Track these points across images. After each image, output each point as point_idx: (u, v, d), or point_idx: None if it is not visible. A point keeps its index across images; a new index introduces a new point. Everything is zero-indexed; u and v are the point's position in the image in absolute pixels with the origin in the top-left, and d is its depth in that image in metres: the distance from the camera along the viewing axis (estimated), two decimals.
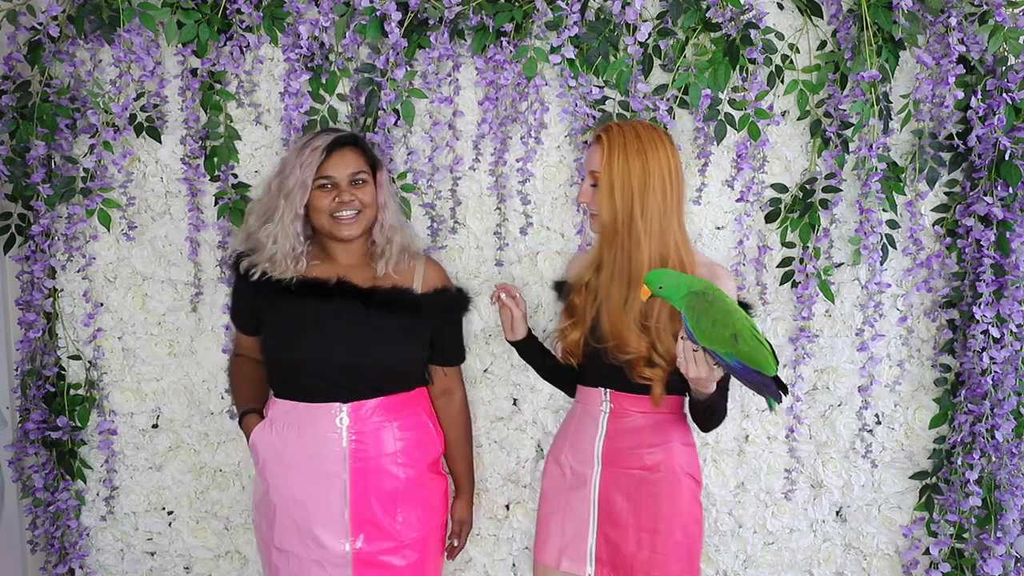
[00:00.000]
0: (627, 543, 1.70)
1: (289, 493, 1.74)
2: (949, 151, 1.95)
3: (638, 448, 1.71)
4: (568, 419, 1.85)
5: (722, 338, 1.44)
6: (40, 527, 2.16)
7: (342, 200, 1.72)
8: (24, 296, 2.09)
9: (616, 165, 1.60)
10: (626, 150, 1.60)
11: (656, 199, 1.60)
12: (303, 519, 1.73)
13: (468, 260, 2.09)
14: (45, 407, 2.12)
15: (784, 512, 2.13)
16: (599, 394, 1.75)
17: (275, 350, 1.78)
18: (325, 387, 1.73)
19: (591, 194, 1.68)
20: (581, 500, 1.74)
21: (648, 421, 1.72)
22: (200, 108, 2.04)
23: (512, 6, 1.91)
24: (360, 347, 1.73)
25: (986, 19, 1.82)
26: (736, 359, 1.45)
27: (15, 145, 1.99)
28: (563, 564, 1.75)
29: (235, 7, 1.95)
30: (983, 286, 1.89)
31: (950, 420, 2.01)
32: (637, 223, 1.60)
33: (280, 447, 1.74)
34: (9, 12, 1.95)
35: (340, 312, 1.73)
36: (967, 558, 2.01)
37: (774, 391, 1.48)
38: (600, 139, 1.65)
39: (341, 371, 1.72)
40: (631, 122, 1.70)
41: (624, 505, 1.71)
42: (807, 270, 1.97)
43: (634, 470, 1.71)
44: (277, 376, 1.81)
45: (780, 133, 1.99)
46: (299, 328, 1.73)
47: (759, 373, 1.46)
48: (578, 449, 1.76)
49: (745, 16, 1.86)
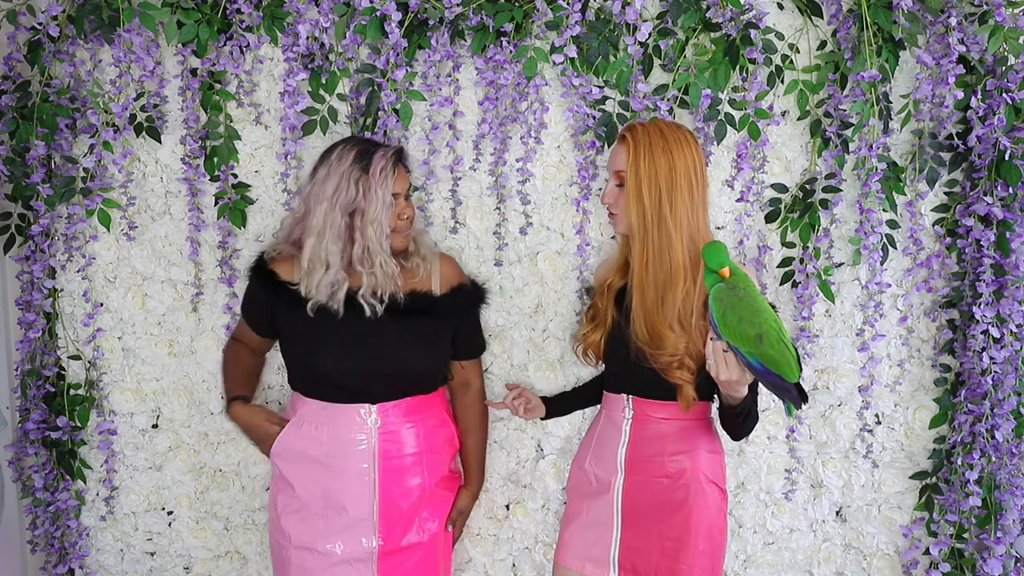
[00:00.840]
0: (651, 551, 1.67)
1: (319, 491, 1.75)
2: (949, 151, 1.95)
3: (661, 455, 1.68)
4: (593, 426, 1.84)
5: (746, 336, 1.38)
6: (40, 527, 2.16)
7: (408, 215, 1.75)
8: (24, 296, 2.09)
9: (643, 164, 1.57)
10: (652, 149, 1.57)
11: (684, 197, 1.57)
12: (334, 516, 1.74)
13: (468, 260, 2.09)
14: (45, 407, 2.12)
15: (784, 512, 2.13)
16: (622, 401, 1.74)
17: (297, 359, 1.78)
18: (350, 393, 1.75)
19: (616, 195, 1.65)
20: (604, 506, 1.73)
21: (672, 428, 1.69)
22: (200, 108, 2.04)
23: (512, 6, 1.91)
24: (383, 355, 1.73)
25: (986, 19, 1.82)
26: (758, 360, 1.39)
27: (15, 145, 1.99)
28: (586, 568, 1.74)
29: (235, 7, 1.95)
30: (983, 286, 1.89)
31: (950, 420, 2.01)
32: (667, 222, 1.57)
33: (311, 445, 1.75)
34: (9, 12, 1.95)
35: (360, 321, 1.71)
36: (967, 558, 2.01)
37: (794, 397, 1.42)
38: (625, 139, 1.62)
39: (365, 379, 1.74)
40: (655, 121, 1.66)
41: (648, 512, 1.69)
42: (807, 270, 1.97)
43: (658, 478, 1.68)
44: (301, 381, 1.81)
45: (780, 133, 1.99)
46: (322, 337, 1.72)
47: (780, 377, 1.40)
48: (601, 457, 1.75)
49: (745, 16, 1.86)
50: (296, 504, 1.77)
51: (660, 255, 1.58)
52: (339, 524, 1.74)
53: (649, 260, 1.59)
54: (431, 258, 1.84)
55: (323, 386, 1.76)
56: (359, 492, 1.74)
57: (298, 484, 1.76)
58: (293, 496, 1.78)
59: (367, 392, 1.75)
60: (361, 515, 1.74)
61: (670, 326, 1.59)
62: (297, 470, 1.77)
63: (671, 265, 1.57)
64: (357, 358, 1.72)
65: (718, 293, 1.41)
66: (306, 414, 1.78)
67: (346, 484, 1.74)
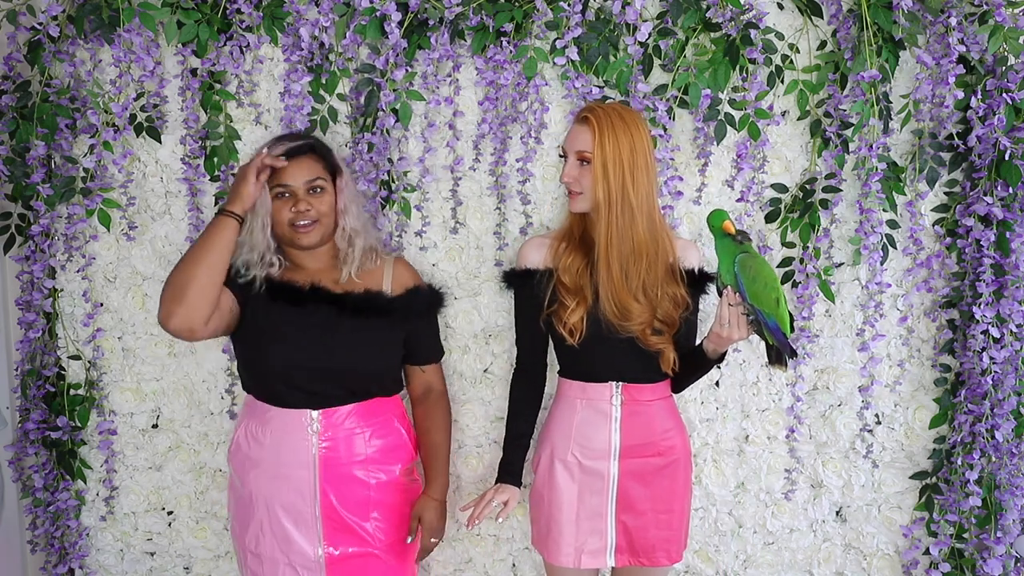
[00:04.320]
0: (646, 527, 1.76)
1: (263, 496, 1.73)
2: (949, 151, 1.95)
3: (653, 435, 1.75)
4: (561, 417, 1.81)
5: (769, 300, 1.53)
6: (40, 527, 2.16)
7: (299, 210, 1.70)
8: (24, 296, 2.09)
9: (608, 144, 1.63)
10: (615, 129, 1.63)
11: (642, 175, 1.65)
12: (277, 523, 1.72)
13: (468, 260, 2.09)
14: (45, 407, 2.12)
15: (784, 512, 2.13)
16: (608, 389, 1.75)
17: (245, 353, 1.76)
18: (296, 393, 1.71)
19: (577, 173, 1.69)
20: (595, 495, 1.75)
21: (660, 407, 1.77)
22: (200, 108, 2.04)
23: (512, 6, 1.91)
24: (331, 353, 1.71)
25: (986, 19, 1.82)
26: (774, 320, 1.55)
27: (15, 145, 1.99)
28: (583, 562, 1.76)
29: (235, 7, 1.95)
30: (983, 286, 1.89)
31: (950, 420, 2.01)
32: (630, 198, 1.64)
33: (255, 449, 1.74)
34: (9, 12, 1.95)
35: (311, 318, 1.71)
36: (967, 558, 2.01)
37: (791, 350, 1.58)
38: (588, 119, 1.66)
39: (311, 377, 1.71)
40: (610, 103, 1.71)
41: (641, 492, 1.75)
42: (807, 270, 1.97)
43: (651, 457, 1.75)
44: (249, 379, 1.79)
45: (780, 133, 1.99)
46: (269, 333, 1.71)
47: (784, 335, 1.55)
48: (588, 446, 1.75)
49: (745, 16, 1.86)
50: (244, 506, 1.76)
51: (623, 231, 1.65)
52: (284, 531, 1.72)
53: (614, 236, 1.65)
54: (384, 259, 1.82)
55: (270, 385, 1.73)
56: (301, 499, 1.72)
57: (246, 487, 1.75)
58: (241, 498, 1.76)
59: (311, 392, 1.71)
60: (305, 522, 1.72)
61: (635, 298, 1.67)
62: (243, 473, 1.75)
63: (633, 240, 1.66)
64: (303, 353, 1.70)
65: (744, 261, 1.55)
66: (253, 416, 1.76)
67: (288, 490, 1.72)
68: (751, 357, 2.08)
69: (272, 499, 1.72)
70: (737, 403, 2.10)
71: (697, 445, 2.11)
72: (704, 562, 2.16)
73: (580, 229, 1.76)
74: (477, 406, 2.12)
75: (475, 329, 2.10)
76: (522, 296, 1.81)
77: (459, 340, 2.11)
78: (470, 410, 2.13)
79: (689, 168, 2.01)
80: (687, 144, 2.01)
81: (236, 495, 1.79)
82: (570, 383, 1.80)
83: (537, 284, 1.76)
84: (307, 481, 1.72)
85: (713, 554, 2.16)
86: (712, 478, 2.12)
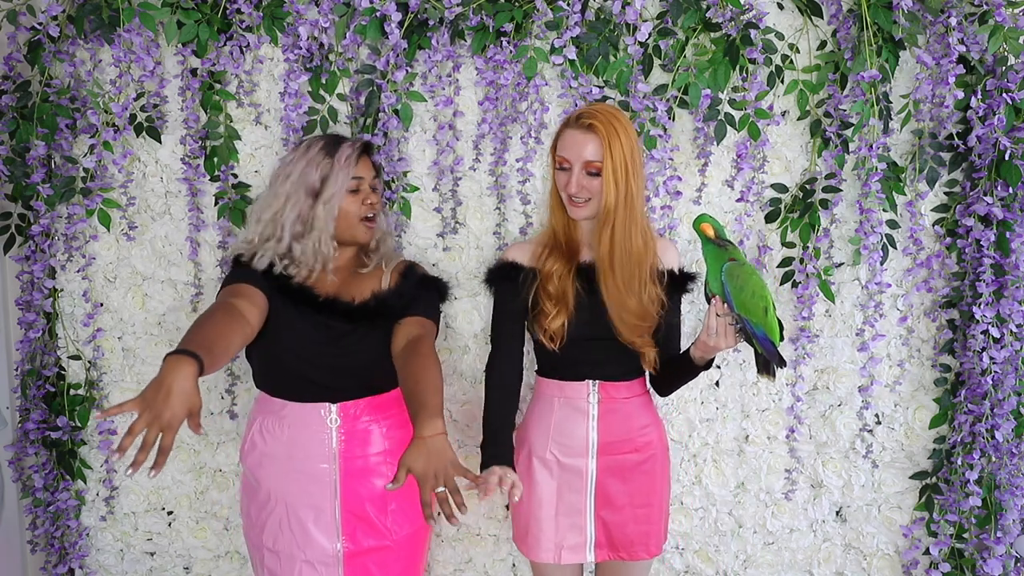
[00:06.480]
0: (625, 523, 1.76)
1: (281, 492, 1.73)
2: (949, 151, 1.95)
3: (630, 432, 1.76)
4: (541, 414, 1.79)
5: (757, 309, 1.51)
6: (40, 527, 2.16)
7: (371, 202, 1.73)
8: (24, 296, 2.09)
9: (615, 150, 1.62)
10: (617, 133, 1.62)
11: (640, 178, 1.66)
12: (296, 518, 1.72)
13: (468, 260, 2.09)
14: (45, 407, 2.12)
15: (784, 512, 2.13)
16: (585, 387, 1.75)
17: (262, 351, 1.75)
18: (312, 388, 1.72)
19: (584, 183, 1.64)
20: (574, 492, 1.75)
21: (636, 405, 1.77)
22: (200, 108, 2.04)
23: (512, 6, 1.91)
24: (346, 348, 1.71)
25: (986, 19, 1.82)
26: (762, 329, 1.52)
27: (15, 145, 1.99)
28: (563, 558, 1.77)
29: (235, 7, 1.95)
30: (983, 286, 1.89)
31: (950, 420, 2.01)
32: (634, 200, 1.64)
33: (272, 445, 1.74)
34: (9, 12, 1.95)
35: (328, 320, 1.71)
36: (967, 558, 2.01)
37: (780, 359, 1.55)
38: (594, 127, 1.62)
39: (327, 372, 1.71)
40: (601, 105, 1.68)
41: (620, 488, 1.75)
42: (807, 270, 1.97)
43: (629, 453, 1.76)
44: (265, 374, 1.79)
45: (780, 133, 1.99)
46: (285, 327, 1.70)
47: (772, 343, 1.53)
48: (566, 444, 1.76)
49: (745, 16, 1.86)
50: (260, 504, 1.76)
51: (627, 233, 1.65)
52: (301, 526, 1.72)
53: (618, 240, 1.65)
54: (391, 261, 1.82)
55: (285, 380, 1.73)
56: (320, 493, 1.71)
57: (262, 484, 1.75)
58: (257, 495, 1.76)
59: (328, 387, 1.71)
60: (323, 517, 1.72)
61: (638, 300, 1.68)
62: (259, 470, 1.75)
63: (633, 242, 1.66)
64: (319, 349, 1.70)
65: (731, 270, 1.53)
66: (268, 412, 1.76)
67: (307, 485, 1.71)
68: (751, 357, 2.08)
69: (291, 494, 1.72)
70: (737, 403, 2.10)
71: (697, 445, 2.11)
72: (704, 562, 2.16)
73: (566, 235, 1.74)
74: (477, 405, 2.12)
75: (475, 329, 2.10)
76: (504, 292, 1.74)
77: (459, 340, 2.11)
78: (470, 410, 2.13)
79: (689, 168, 2.01)
80: (687, 144, 2.01)
81: (251, 494, 1.79)
82: (548, 382, 1.80)
83: (521, 283, 1.72)
84: (327, 475, 1.72)
85: (713, 554, 2.16)
86: (712, 478, 2.12)
